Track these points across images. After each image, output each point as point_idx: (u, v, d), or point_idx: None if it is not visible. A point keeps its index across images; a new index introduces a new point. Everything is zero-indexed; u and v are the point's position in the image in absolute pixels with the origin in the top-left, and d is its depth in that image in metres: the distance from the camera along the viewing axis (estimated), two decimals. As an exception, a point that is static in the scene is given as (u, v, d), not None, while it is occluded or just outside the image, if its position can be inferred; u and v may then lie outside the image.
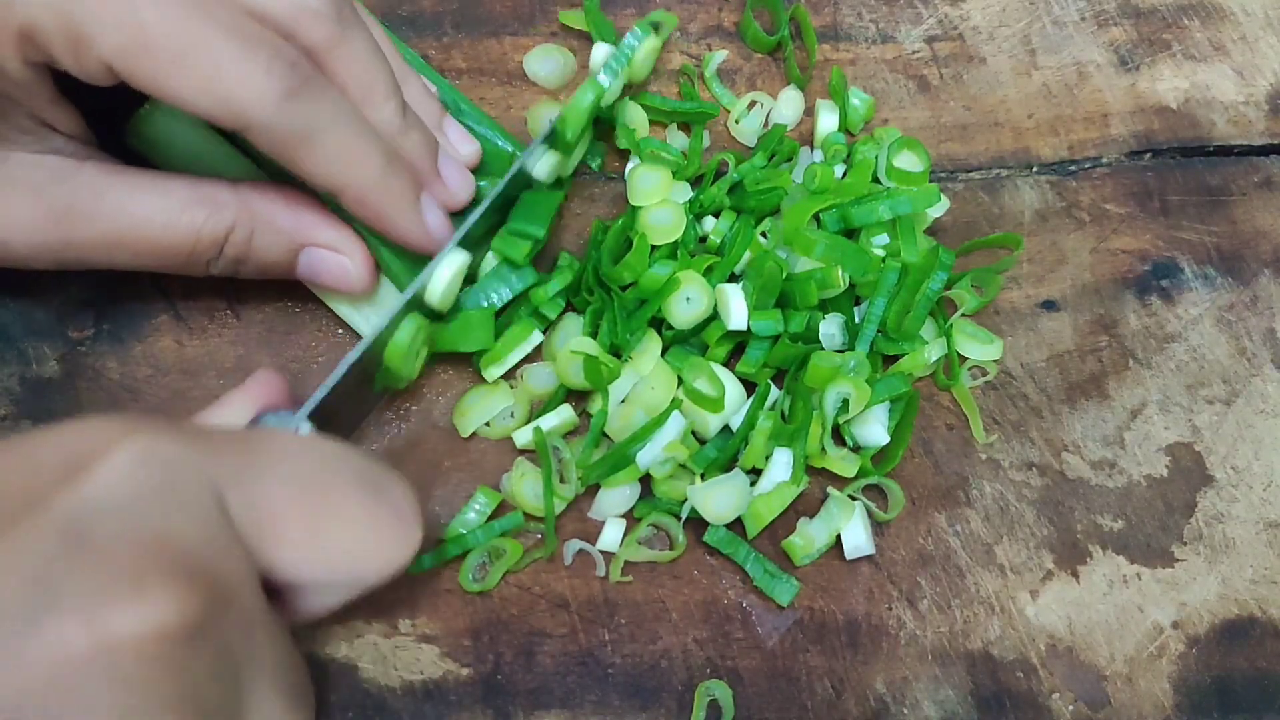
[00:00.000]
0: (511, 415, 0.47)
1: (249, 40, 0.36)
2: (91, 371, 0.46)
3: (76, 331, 0.46)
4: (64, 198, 0.39)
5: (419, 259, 0.44)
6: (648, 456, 0.44)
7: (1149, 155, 0.55)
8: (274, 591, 0.34)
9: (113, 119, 0.43)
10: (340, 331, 0.48)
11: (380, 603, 0.44)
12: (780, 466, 0.45)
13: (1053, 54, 0.56)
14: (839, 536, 0.46)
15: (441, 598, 0.45)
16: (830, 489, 0.46)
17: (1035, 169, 0.54)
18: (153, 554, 0.28)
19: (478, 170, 0.47)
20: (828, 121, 0.52)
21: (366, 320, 0.46)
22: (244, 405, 0.38)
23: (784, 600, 0.45)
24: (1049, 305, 0.51)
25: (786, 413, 0.46)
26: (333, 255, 0.44)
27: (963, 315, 0.49)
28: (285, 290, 0.48)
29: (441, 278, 0.43)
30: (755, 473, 0.46)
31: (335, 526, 0.34)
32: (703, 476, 0.45)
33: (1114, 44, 0.57)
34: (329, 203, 0.43)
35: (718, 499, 0.44)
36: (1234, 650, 0.47)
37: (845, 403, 0.44)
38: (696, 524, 0.45)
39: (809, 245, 0.45)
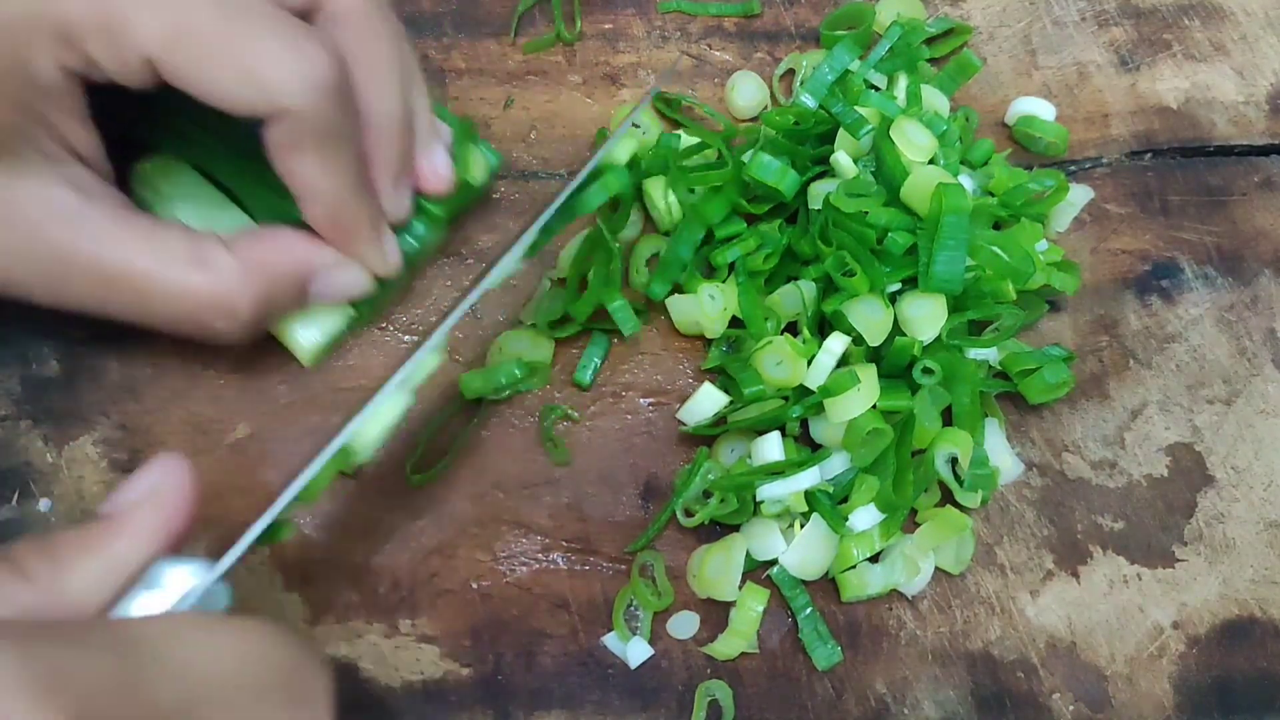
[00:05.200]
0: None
1: (292, 28, 0.36)
2: (91, 371, 0.46)
3: (76, 331, 0.46)
4: (65, 238, 0.38)
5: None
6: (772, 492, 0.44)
7: (1149, 155, 0.55)
8: None
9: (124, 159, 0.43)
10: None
11: (380, 603, 0.44)
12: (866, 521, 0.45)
13: (1053, 54, 0.56)
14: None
15: (442, 598, 0.45)
16: (905, 542, 0.46)
17: (1035, 169, 0.54)
18: None
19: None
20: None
21: (307, 332, 0.45)
22: (150, 528, 0.31)
23: (821, 665, 0.45)
24: (1049, 305, 0.51)
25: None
26: (339, 272, 0.43)
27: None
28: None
29: (378, 424, 0.39)
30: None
31: None
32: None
33: (1114, 44, 0.57)
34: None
35: (808, 559, 0.45)
36: (1234, 650, 0.47)
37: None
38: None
39: (989, 257, 0.44)
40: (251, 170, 0.43)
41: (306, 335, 0.44)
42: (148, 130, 0.44)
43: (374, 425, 0.38)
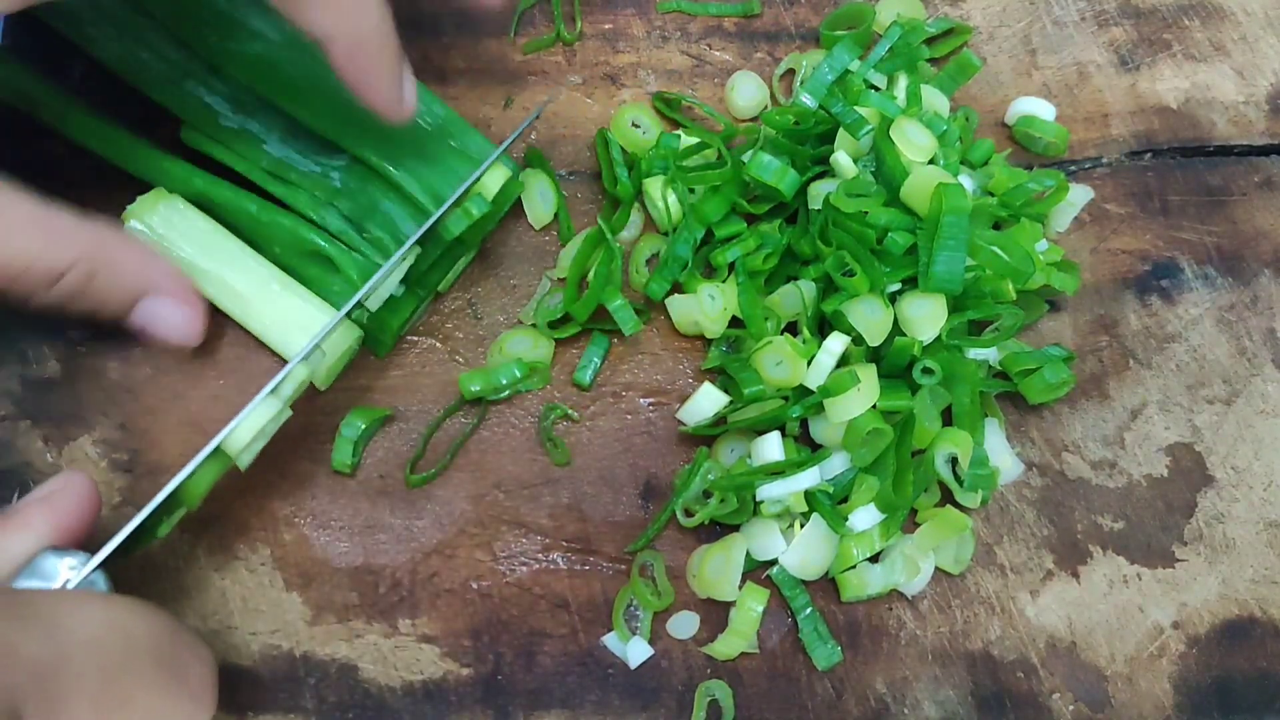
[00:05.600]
0: None
1: None
2: (91, 371, 0.46)
3: (76, 331, 0.46)
4: None
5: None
6: (772, 492, 0.44)
7: (1149, 155, 0.55)
8: None
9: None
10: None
11: (380, 603, 0.44)
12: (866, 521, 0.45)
13: (1053, 54, 0.56)
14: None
15: (441, 598, 0.45)
16: (905, 542, 0.46)
17: (1035, 169, 0.54)
18: None
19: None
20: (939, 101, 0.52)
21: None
22: (40, 523, 0.36)
23: (821, 665, 0.45)
24: (1049, 305, 0.51)
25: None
26: (174, 306, 0.42)
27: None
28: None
29: (249, 428, 0.40)
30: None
31: (131, 716, 0.32)
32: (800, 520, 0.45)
33: (1114, 44, 0.57)
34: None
35: (808, 559, 0.45)
36: (1234, 650, 0.47)
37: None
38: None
39: (989, 257, 0.45)
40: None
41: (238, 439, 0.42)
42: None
43: (245, 431, 0.40)
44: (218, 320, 0.47)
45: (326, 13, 0.38)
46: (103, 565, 0.36)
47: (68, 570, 0.36)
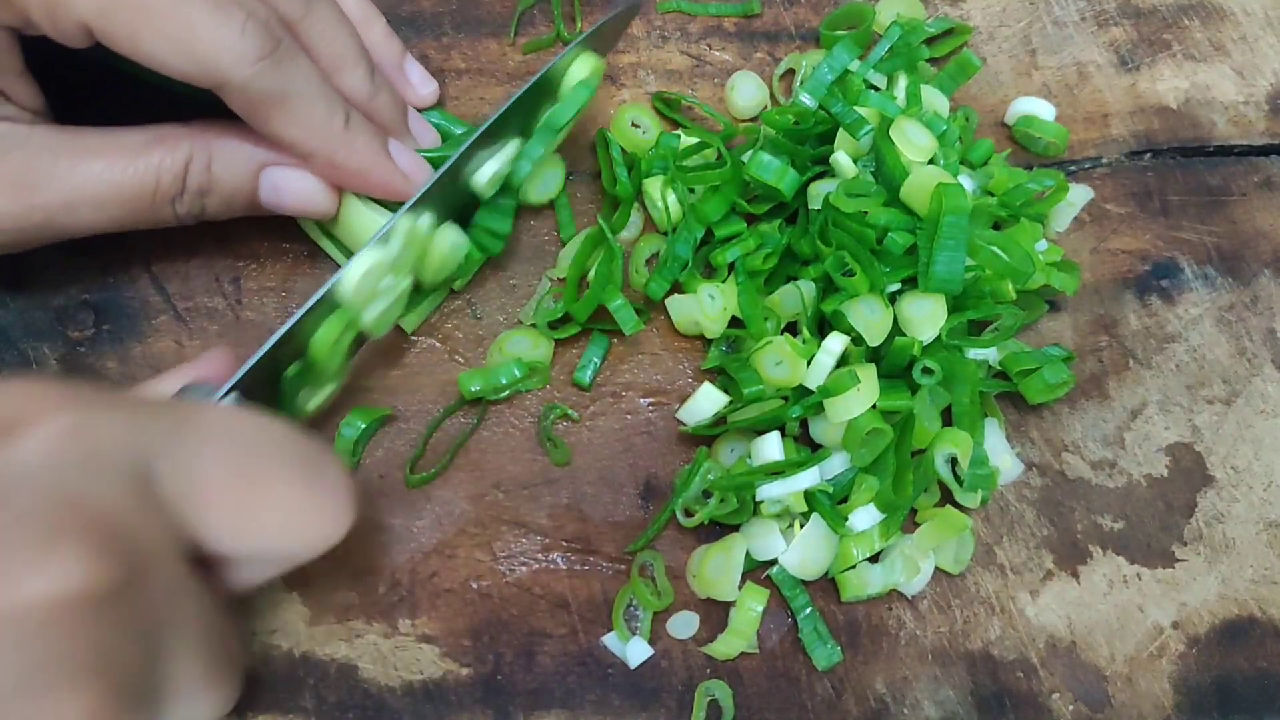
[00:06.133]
0: None
1: (224, 1, 0.37)
2: (91, 371, 0.46)
3: (76, 331, 0.46)
4: (18, 163, 0.39)
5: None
6: (772, 492, 0.44)
7: (1149, 155, 0.55)
8: (205, 562, 0.34)
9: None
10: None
11: (380, 603, 0.44)
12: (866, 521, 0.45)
13: (1053, 54, 0.56)
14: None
15: (441, 598, 0.45)
16: (905, 542, 0.46)
17: (1035, 169, 0.54)
18: (68, 519, 0.28)
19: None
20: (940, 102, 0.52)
21: (341, 253, 0.47)
22: (182, 378, 0.38)
23: (821, 665, 0.45)
24: (1049, 305, 0.51)
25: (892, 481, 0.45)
26: (296, 173, 0.43)
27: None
28: (285, 290, 0.48)
29: (355, 271, 0.41)
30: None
31: (267, 503, 0.34)
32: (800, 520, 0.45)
33: (1114, 44, 0.57)
34: None
35: (808, 559, 0.45)
36: (1234, 650, 0.47)
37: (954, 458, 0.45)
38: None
39: (988, 257, 0.44)
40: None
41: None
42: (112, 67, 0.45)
43: (354, 272, 0.41)
44: (218, 322, 0.48)
45: (299, 129, 0.40)
46: None
47: (205, 397, 0.37)
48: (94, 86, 0.44)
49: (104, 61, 0.44)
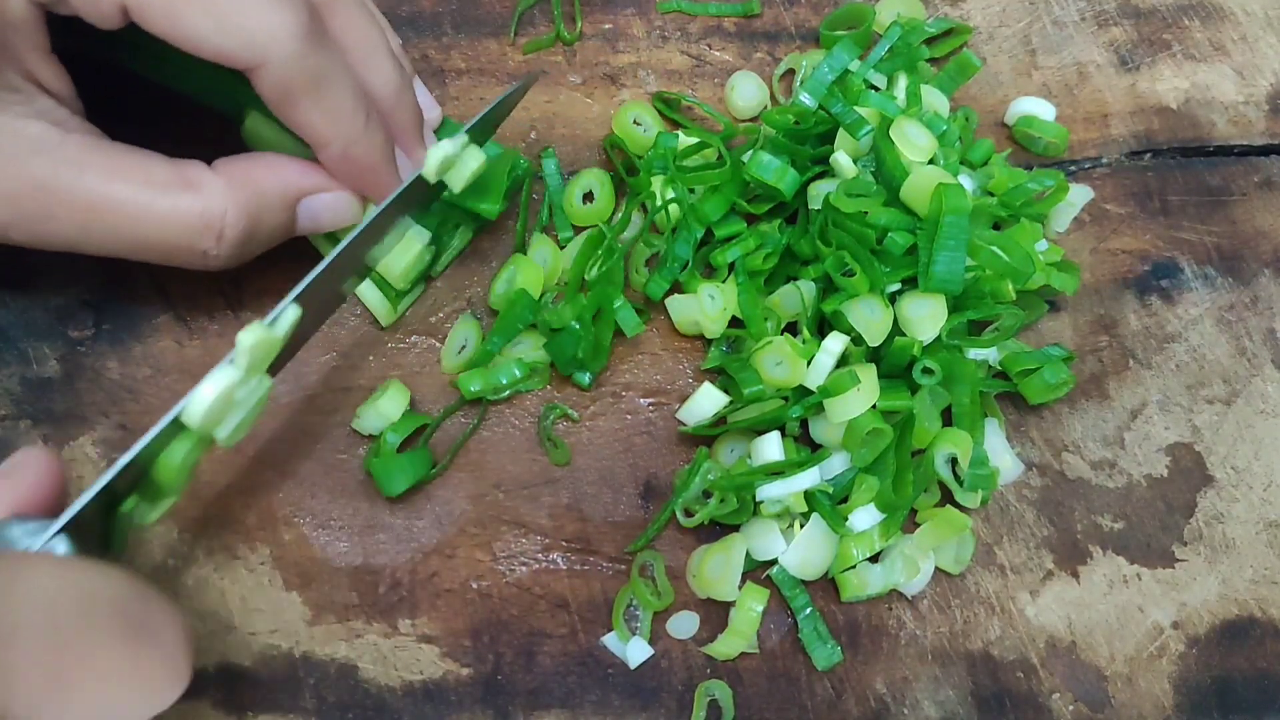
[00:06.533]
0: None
1: None
2: (91, 371, 0.46)
3: (76, 331, 0.46)
4: (45, 169, 0.38)
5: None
6: (772, 492, 0.44)
7: (1149, 155, 0.55)
8: None
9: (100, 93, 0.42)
10: (341, 323, 0.48)
11: (380, 603, 0.44)
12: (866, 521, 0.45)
13: (1053, 54, 0.56)
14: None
15: (441, 598, 0.45)
16: (905, 542, 0.46)
17: (1035, 169, 0.54)
18: None
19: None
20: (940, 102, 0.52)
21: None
22: (1, 505, 0.35)
23: (821, 665, 0.45)
24: (1049, 305, 0.51)
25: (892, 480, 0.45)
26: (328, 197, 0.43)
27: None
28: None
29: (203, 398, 0.36)
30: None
31: (85, 681, 0.30)
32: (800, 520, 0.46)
33: (1114, 44, 0.57)
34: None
35: (808, 559, 0.45)
36: (1234, 650, 0.47)
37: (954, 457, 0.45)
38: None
39: (988, 257, 0.45)
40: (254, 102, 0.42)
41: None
42: (128, 59, 0.44)
43: (204, 396, 0.36)
44: (218, 322, 0.48)
45: (325, 117, 0.39)
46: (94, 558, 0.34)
47: (28, 537, 0.34)
48: (102, 96, 0.44)
49: (116, 64, 0.44)
